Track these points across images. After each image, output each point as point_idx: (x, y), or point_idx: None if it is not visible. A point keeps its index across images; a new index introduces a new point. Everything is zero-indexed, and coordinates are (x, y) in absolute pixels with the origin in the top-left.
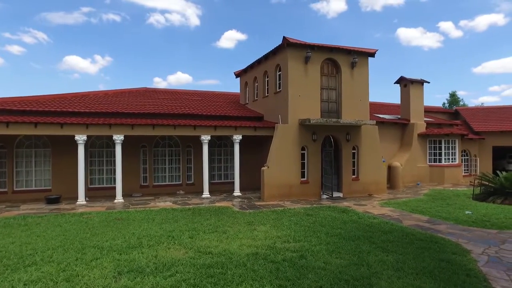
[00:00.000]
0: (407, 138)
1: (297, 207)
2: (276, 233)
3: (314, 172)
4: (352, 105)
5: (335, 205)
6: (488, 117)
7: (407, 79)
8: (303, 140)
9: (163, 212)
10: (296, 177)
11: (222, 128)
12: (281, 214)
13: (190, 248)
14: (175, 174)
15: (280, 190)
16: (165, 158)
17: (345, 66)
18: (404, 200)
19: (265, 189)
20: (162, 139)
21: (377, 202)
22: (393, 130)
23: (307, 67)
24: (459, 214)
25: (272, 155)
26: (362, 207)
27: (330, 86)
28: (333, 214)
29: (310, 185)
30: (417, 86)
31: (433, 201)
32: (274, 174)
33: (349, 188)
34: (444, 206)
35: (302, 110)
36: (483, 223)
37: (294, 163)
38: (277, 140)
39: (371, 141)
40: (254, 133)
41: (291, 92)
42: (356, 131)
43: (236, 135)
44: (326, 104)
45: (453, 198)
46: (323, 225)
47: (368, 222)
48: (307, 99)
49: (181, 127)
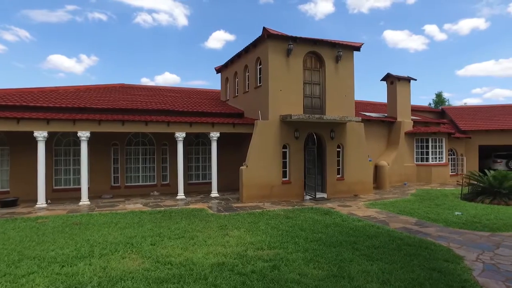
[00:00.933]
0: (394, 137)
1: (277, 209)
2: (250, 239)
3: (297, 172)
4: (336, 101)
5: (318, 207)
6: (474, 116)
7: (393, 76)
8: (284, 138)
9: (129, 215)
10: (277, 177)
11: (198, 125)
12: (258, 217)
13: (148, 257)
14: (150, 174)
15: (260, 190)
16: (138, 157)
17: (329, 60)
18: (391, 200)
19: (243, 190)
20: (135, 136)
21: (363, 203)
22: (380, 128)
23: (289, 60)
24: (449, 215)
25: (252, 153)
26: (347, 209)
27: (313, 80)
28: (315, 216)
29: (292, 186)
30: (404, 84)
31: (421, 202)
32: (254, 173)
33: (334, 189)
34: (433, 207)
35: (284, 105)
36: (474, 224)
37: (275, 162)
38: (257, 137)
39: (356, 139)
40: (233, 130)
41: (271, 86)
42: (341, 128)
43: (214, 132)
44: (309, 100)
45: (441, 198)
46: (303, 229)
47: (352, 225)
48: (289, 94)
49: (154, 124)
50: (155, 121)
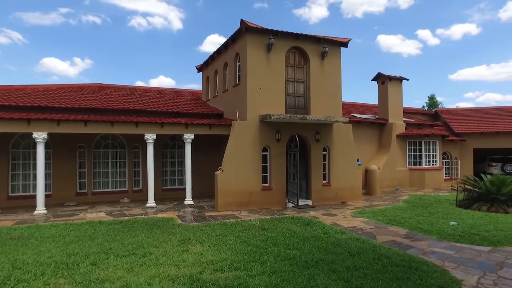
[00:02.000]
0: (385, 139)
1: (254, 219)
2: (212, 256)
3: (278, 177)
4: (322, 100)
5: (300, 216)
6: (468, 118)
7: (384, 75)
8: (264, 140)
9: (85, 226)
10: (256, 182)
11: (170, 126)
12: (230, 228)
13: (78, 283)
14: (120, 179)
15: (237, 198)
16: (107, 161)
17: (314, 56)
18: (381, 208)
19: (218, 197)
20: (104, 138)
21: (350, 211)
22: (370, 130)
23: (269, 56)
24: (443, 225)
25: (228, 157)
26: (331, 218)
27: (297, 78)
28: (294, 227)
29: (273, 192)
30: (395, 84)
31: (413, 209)
32: (230, 179)
33: (319, 195)
34: (426, 216)
35: (264, 105)
36: (472, 237)
37: (254, 166)
38: (234, 139)
39: (344, 141)
40: (209, 131)
41: (250, 84)
42: (327, 130)
43: (188, 134)
44: (292, 99)
45: (435, 205)
46: (277, 243)
47: (334, 239)
48: (269, 92)
49: (120, 124)
50: (122, 121)
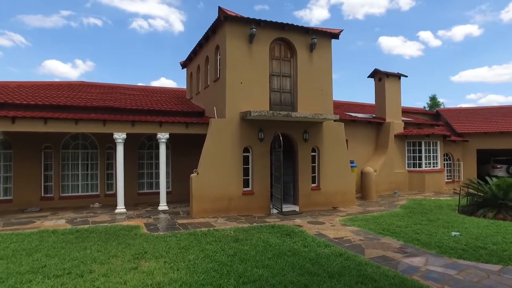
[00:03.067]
0: (382, 140)
1: (229, 228)
2: (161, 277)
3: (261, 180)
4: (311, 96)
5: (283, 224)
6: (471, 118)
7: (382, 72)
8: (246, 140)
9: (31, 237)
10: (237, 186)
11: (142, 124)
12: (198, 239)
13: None
14: (92, 182)
15: (215, 203)
16: (77, 163)
17: (301, 49)
18: (375, 215)
19: (194, 202)
20: (73, 138)
21: (340, 218)
22: (367, 130)
23: (252, 47)
24: (444, 236)
25: (205, 158)
26: (317, 227)
27: (283, 72)
28: (272, 239)
29: (255, 197)
30: (393, 80)
31: (410, 216)
32: (207, 182)
33: (308, 200)
34: (424, 224)
35: (245, 101)
36: (477, 251)
37: (234, 168)
38: (211, 139)
39: (335, 141)
40: (186, 131)
41: (230, 77)
42: (316, 128)
43: (161, 133)
44: (277, 95)
45: (435, 212)
46: (245, 259)
47: (314, 254)
48: (252, 87)
49: (86, 122)
50: (87, 119)
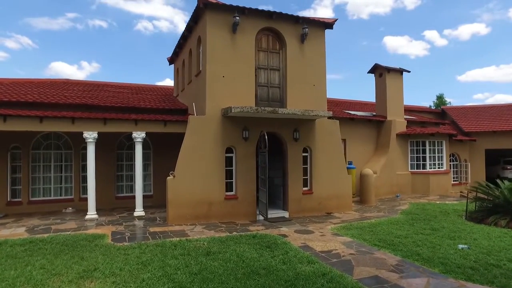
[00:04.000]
0: (383, 139)
1: (205, 237)
2: None
3: (246, 184)
4: (302, 91)
5: (266, 233)
6: (479, 116)
7: (382, 67)
8: (229, 139)
9: None
10: (218, 190)
11: (115, 122)
12: (165, 251)
13: None
14: (66, 185)
15: (193, 209)
16: (50, 164)
17: (292, 39)
18: (373, 222)
19: (169, 208)
20: (45, 138)
21: (333, 226)
22: (366, 129)
23: (235, 38)
24: (449, 249)
25: (182, 159)
26: (304, 237)
27: (271, 65)
28: (248, 252)
29: (240, 202)
30: (394, 76)
31: (412, 224)
32: (184, 186)
33: (298, 205)
34: (427, 233)
35: (228, 96)
36: (490, 270)
37: (216, 170)
38: (190, 138)
39: (329, 141)
40: (164, 129)
41: (210, 71)
42: (308, 127)
43: (137, 132)
44: (264, 90)
45: (440, 218)
46: (209, 279)
47: (293, 273)
48: (235, 81)
49: (52, 120)
50: (53, 116)
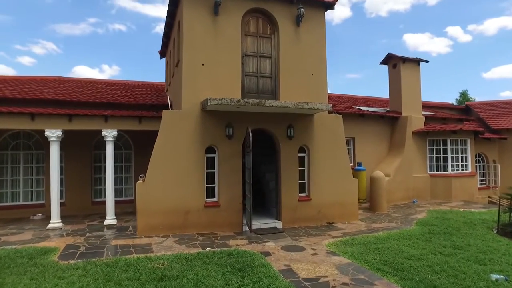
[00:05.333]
0: (398, 137)
1: (170, 254)
2: None
3: (231, 189)
4: (297, 81)
5: (245, 250)
6: (509, 111)
7: (397, 56)
8: (210, 137)
9: None
10: (197, 196)
11: (82, 119)
12: (110, 274)
13: None
14: (36, 189)
15: (167, 218)
16: (18, 166)
17: (285, 22)
18: (380, 235)
19: (139, 217)
20: (13, 137)
21: (330, 240)
22: (379, 126)
23: (218, 21)
24: (478, 281)
25: (155, 160)
26: (291, 256)
27: (261, 52)
28: (213, 278)
29: (222, 210)
30: (410, 66)
31: (428, 239)
32: (156, 192)
33: (293, 214)
34: (448, 253)
35: (209, 88)
36: None
37: (194, 173)
38: (164, 136)
39: (331, 139)
40: (139, 126)
41: (187, 58)
42: (305, 122)
43: (108, 129)
44: (253, 80)
45: (464, 231)
46: None
47: None
48: (218, 71)
49: (7, 117)
50: (7, 112)
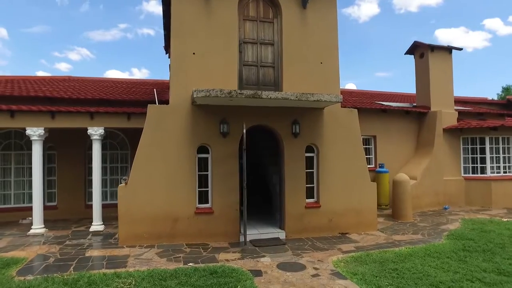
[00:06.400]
0: (426, 135)
1: (144, 270)
2: None
3: (226, 194)
4: (304, 71)
5: (234, 267)
6: None
7: (424, 45)
8: (202, 134)
9: None
10: (187, 202)
11: (66, 116)
12: None
13: None
14: (29, 191)
15: (153, 226)
16: (9, 167)
17: (289, 3)
18: (401, 251)
19: (120, 224)
20: (4, 136)
21: (338, 257)
22: (404, 123)
23: (211, 4)
24: None
25: (139, 161)
26: (286, 277)
27: (262, 38)
28: None
29: (216, 218)
30: (441, 56)
31: (463, 259)
32: (141, 196)
33: (300, 223)
34: (490, 282)
35: (201, 79)
36: None
37: (183, 176)
38: (149, 133)
39: (344, 136)
40: (128, 124)
41: (176, 46)
42: (313, 118)
43: (94, 127)
44: (253, 71)
45: (510, 250)
46: None
47: None
48: (211, 60)
49: None
50: None
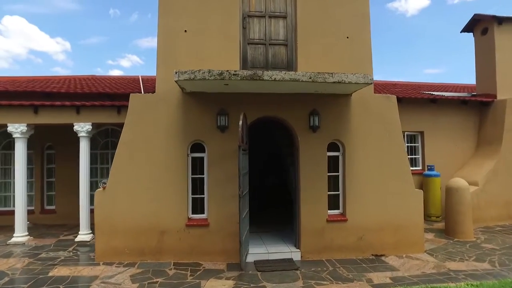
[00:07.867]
0: (490, 130)
1: None
2: None
3: (225, 202)
4: (326, 49)
5: None
6: None
7: (488, 17)
8: (195, 129)
9: None
10: (177, 211)
11: (50, 110)
12: None
13: None
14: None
15: (135, 240)
16: (8, 167)
17: None
18: None
19: (97, 235)
20: (4, 136)
21: None
22: (459, 116)
23: None
24: None
25: (119, 162)
26: None
27: (271, 10)
28: None
29: (212, 232)
30: (510, 30)
31: None
32: (121, 204)
33: (320, 240)
34: None
35: (195, 62)
36: None
37: (172, 180)
38: (131, 128)
39: (379, 130)
40: (118, 119)
41: (163, 23)
42: (337, 107)
43: (80, 123)
44: (260, 49)
45: None
46: None
47: None
48: (208, 39)
49: None
50: None
